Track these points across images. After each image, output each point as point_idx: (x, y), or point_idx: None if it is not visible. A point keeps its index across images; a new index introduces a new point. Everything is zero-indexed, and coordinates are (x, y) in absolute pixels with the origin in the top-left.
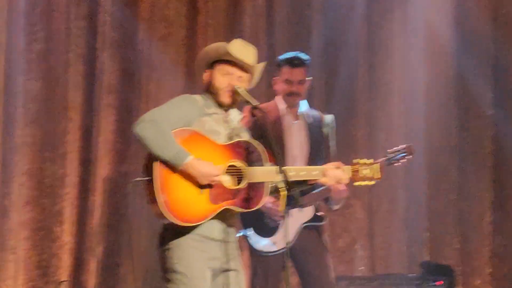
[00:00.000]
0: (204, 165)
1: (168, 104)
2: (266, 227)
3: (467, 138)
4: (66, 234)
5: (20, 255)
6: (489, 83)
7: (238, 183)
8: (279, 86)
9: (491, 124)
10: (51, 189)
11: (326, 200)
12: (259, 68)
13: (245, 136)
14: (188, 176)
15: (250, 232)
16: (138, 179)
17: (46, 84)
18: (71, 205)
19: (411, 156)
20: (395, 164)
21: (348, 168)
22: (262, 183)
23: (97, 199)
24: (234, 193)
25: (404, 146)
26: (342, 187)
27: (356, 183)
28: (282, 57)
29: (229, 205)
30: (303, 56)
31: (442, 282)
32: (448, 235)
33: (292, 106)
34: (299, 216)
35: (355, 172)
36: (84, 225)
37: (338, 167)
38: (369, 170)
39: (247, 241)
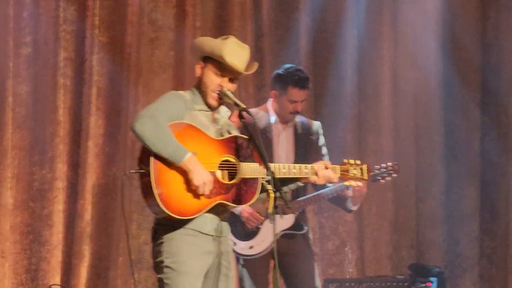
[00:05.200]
0: (201, 166)
1: (160, 99)
2: (243, 230)
3: (455, 140)
4: (55, 238)
5: (9, 259)
6: (476, 86)
7: (231, 179)
8: (283, 104)
9: (478, 126)
10: (39, 193)
11: (342, 202)
12: (252, 70)
13: (235, 133)
14: (183, 171)
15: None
16: (133, 171)
17: (35, 87)
18: (60, 209)
19: (396, 175)
20: (380, 181)
21: (337, 167)
22: (255, 179)
23: (86, 203)
24: (227, 188)
25: (391, 164)
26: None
27: (346, 183)
28: (286, 74)
29: (222, 200)
30: (306, 74)
31: (431, 283)
32: (436, 237)
33: (290, 121)
34: (280, 223)
35: (345, 172)
36: (73, 228)
37: (327, 167)
38: (358, 170)
39: None
